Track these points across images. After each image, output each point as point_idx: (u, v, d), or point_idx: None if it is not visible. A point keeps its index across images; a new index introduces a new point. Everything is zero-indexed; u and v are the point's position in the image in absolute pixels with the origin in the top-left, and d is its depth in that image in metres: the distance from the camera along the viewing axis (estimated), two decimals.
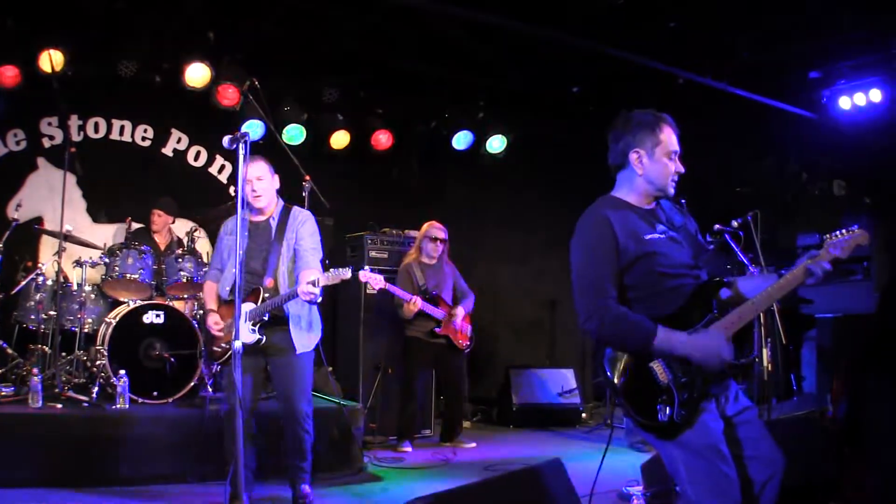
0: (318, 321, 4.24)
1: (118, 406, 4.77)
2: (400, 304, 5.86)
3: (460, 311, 6.10)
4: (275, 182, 4.19)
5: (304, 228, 4.15)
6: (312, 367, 4.22)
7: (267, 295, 4.02)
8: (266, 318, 3.99)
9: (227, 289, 4.12)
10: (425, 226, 6.21)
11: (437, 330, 5.98)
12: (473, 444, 6.16)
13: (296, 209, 4.24)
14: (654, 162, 2.73)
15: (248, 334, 3.95)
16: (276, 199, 4.22)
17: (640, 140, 2.75)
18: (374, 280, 5.59)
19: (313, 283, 3.80)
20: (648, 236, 2.65)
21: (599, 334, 2.58)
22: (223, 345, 4.08)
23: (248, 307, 4.00)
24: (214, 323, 4.09)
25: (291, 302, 3.99)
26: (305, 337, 4.11)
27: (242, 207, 3.62)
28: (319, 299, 3.90)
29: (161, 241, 6.23)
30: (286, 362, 4.06)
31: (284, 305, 4.00)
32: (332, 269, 3.86)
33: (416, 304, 5.79)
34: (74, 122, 6.43)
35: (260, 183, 4.06)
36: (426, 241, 6.12)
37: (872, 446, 3.39)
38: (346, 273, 3.85)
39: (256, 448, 4.12)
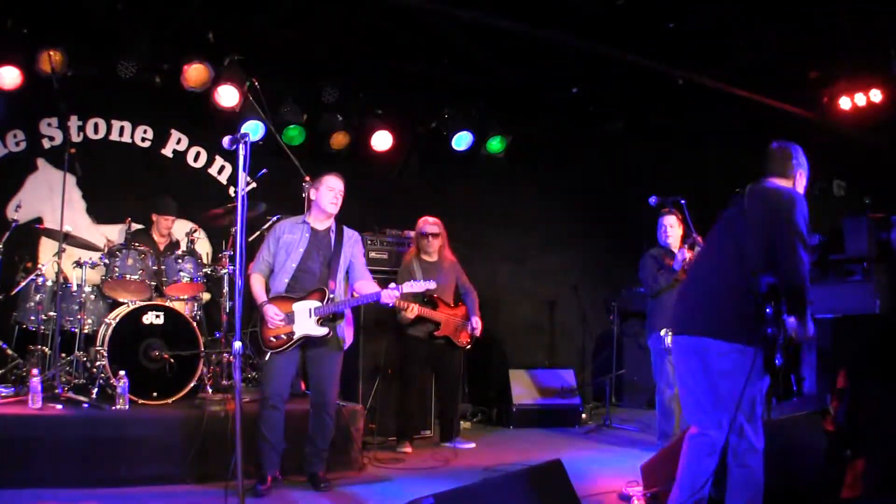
0: (352, 318, 4.91)
1: (118, 407, 4.76)
2: (399, 309, 5.84)
3: (478, 324, 6.12)
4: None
5: (358, 247, 4.87)
6: None
7: (332, 295, 4.58)
8: (330, 316, 4.59)
9: (286, 281, 4.60)
10: (418, 223, 6.19)
11: (436, 332, 5.97)
12: (473, 445, 6.16)
13: (347, 229, 4.85)
14: (802, 184, 3.61)
15: (315, 328, 4.53)
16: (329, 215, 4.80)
17: (802, 165, 3.61)
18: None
19: (396, 289, 4.59)
20: None
21: (804, 283, 3.22)
22: (282, 335, 4.51)
23: (313, 304, 4.54)
24: (275, 314, 4.48)
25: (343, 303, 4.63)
26: (348, 334, 4.77)
27: (244, 207, 3.64)
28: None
29: (161, 241, 6.23)
30: (331, 359, 4.66)
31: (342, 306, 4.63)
32: (416, 280, 4.83)
33: (414, 311, 5.77)
34: (74, 122, 6.42)
35: (340, 198, 4.69)
36: (420, 238, 6.11)
37: (872, 447, 3.40)
38: (432, 284, 4.77)
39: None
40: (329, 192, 4.65)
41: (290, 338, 4.51)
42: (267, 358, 4.50)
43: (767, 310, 3.20)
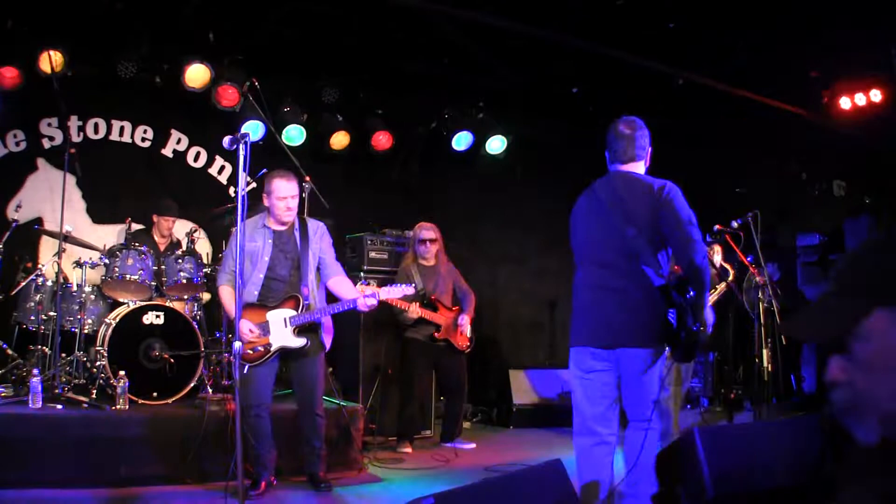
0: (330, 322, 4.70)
1: (118, 407, 4.77)
2: (400, 311, 5.84)
3: (466, 321, 6.08)
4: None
5: (325, 240, 4.61)
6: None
7: (307, 302, 4.41)
8: (307, 326, 4.42)
9: (256, 293, 4.43)
10: (415, 228, 6.18)
11: (436, 334, 5.97)
12: (473, 445, 6.15)
13: (311, 221, 4.62)
14: (649, 158, 3.60)
15: (292, 339, 4.39)
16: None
17: (649, 141, 3.57)
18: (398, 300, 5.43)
19: (373, 296, 4.35)
20: None
21: (703, 268, 3.22)
22: (259, 347, 4.38)
23: (287, 314, 4.39)
24: (249, 330, 4.33)
25: (320, 307, 4.48)
26: (328, 337, 4.62)
27: (243, 210, 3.64)
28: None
29: (162, 242, 6.22)
30: (314, 361, 4.52)
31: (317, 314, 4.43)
32: (394, 285, 4.48)
33: (416, 312, 5.77)
34: (74, 122, 6.43)
35: (294, 201, 4.41)
36: (417, 244, 6.10)
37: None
38: (411, 289, 4.50)
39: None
40: (280, 202, 4.37)
41: (266, 349, 4.38)
42: (245, 370, 4.34)
43: (675, 299, 3.24)
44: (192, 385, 5.19)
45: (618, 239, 3.33)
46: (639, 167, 3.49)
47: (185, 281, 5.51)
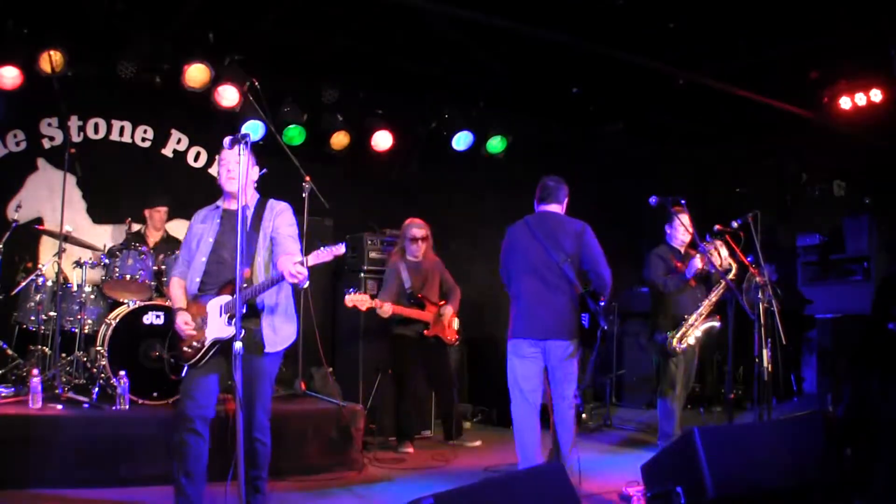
0: (293, 316, 3.92)
1: (118, 407, 4.77)
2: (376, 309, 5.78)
3: (449, 311, 6.06)
4: (253, 172, 3.91)
5: (282, 218, 3.88)
6: (277, 371, 3.92)
7: (242, 284, 3.48)
8: (244, 311, 3.56)
9: (197, 280, 3.79)
10: (404, 225, 6.12)
11: (426, 332, 5.95)
12: (479, 443, 6.15)
13: (272, 201, 3.97)
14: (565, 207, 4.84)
15: (223, 328, 3.64)
16: (251, 190, 3.94)
17: (566, 193, 4.89)
18: (360, 302, 5.51)
19: (301, 263, 3.47)
20: None
21: (608, 286, 4.51)
22: (194, 344, 3.72)
23: (223, 300, 3.70)
24: (185, 323, 3.71)
25: (267, 294, 3.70)
26: (277, 335, 3.77)
27: (243, 210, 3.56)
28: (307, 284, 3.62)
29: (153, 239, 6.20)
30: (250, 359, 3.57)
31: (258, 298, 3.69)
32: (324, 247, 3.57)
33: (388, 311, 5.68)
34: (74, 122, 6.43)
35: (235, 166, 3.63)
36: (407, 242, 6.06)
37: (879, 446, 3.40)
38: (340, 248, 3.56)
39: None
40: (222, 169, 3.87)
41: (202, 345, 3.70)
42: (184, 373, 3.79)
43: (590, 306, 4.42)
44: None
45: (552, 261, 4.44)
46: (561, 209, 4.74)
47: None
